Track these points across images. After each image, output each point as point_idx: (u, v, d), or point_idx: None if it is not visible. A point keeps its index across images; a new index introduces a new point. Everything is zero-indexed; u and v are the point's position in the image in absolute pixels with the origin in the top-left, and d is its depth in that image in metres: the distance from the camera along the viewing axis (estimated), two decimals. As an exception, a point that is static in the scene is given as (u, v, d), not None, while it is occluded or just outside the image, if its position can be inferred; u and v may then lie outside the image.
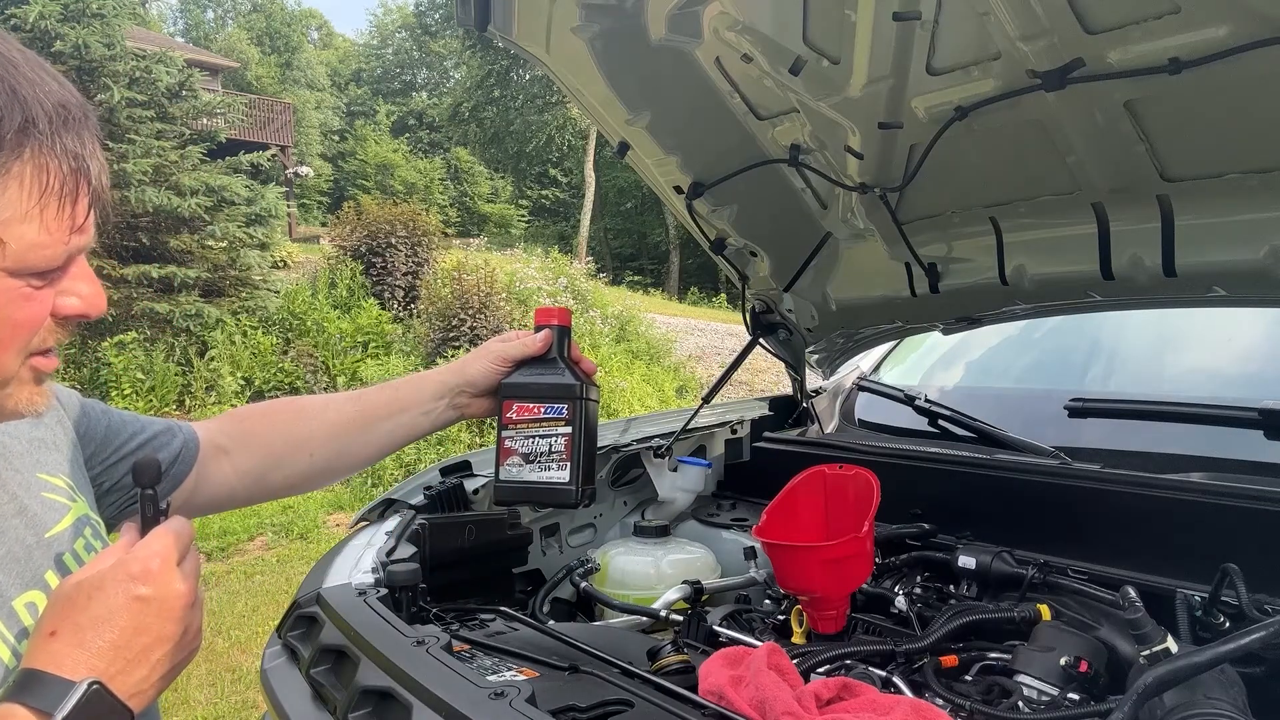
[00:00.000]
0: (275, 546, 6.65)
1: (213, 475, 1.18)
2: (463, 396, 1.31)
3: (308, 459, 1.23)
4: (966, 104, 1.41)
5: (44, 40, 10.44)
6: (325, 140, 35.31)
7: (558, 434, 1.25)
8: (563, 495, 1.26)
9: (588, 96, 1.66)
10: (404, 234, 13.46)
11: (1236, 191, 1.36)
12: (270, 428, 1.24)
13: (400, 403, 1.28)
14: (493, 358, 1.29)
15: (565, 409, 1.26)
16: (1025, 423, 1.88)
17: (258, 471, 1.21)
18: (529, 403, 1.27)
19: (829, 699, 0.97)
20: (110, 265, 10.36)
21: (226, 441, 1.21)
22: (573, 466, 1.25)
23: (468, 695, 0.93)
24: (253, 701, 4.04)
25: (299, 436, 1.23)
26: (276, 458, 1.22)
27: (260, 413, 1.27)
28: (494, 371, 1.29)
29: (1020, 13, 1.21)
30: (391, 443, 1.29)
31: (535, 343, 1.30)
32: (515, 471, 1.27)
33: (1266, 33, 1.08)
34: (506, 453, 1.28)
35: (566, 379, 1.28)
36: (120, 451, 1.08)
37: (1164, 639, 1.02)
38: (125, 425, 1.10)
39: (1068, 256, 1.61)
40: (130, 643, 0.75)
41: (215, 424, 1.23)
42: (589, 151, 27.06)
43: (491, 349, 1.31)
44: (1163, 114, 1.30)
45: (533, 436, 1.26)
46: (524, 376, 1.30)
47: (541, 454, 1.25)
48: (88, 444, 1.05)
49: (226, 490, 1.20)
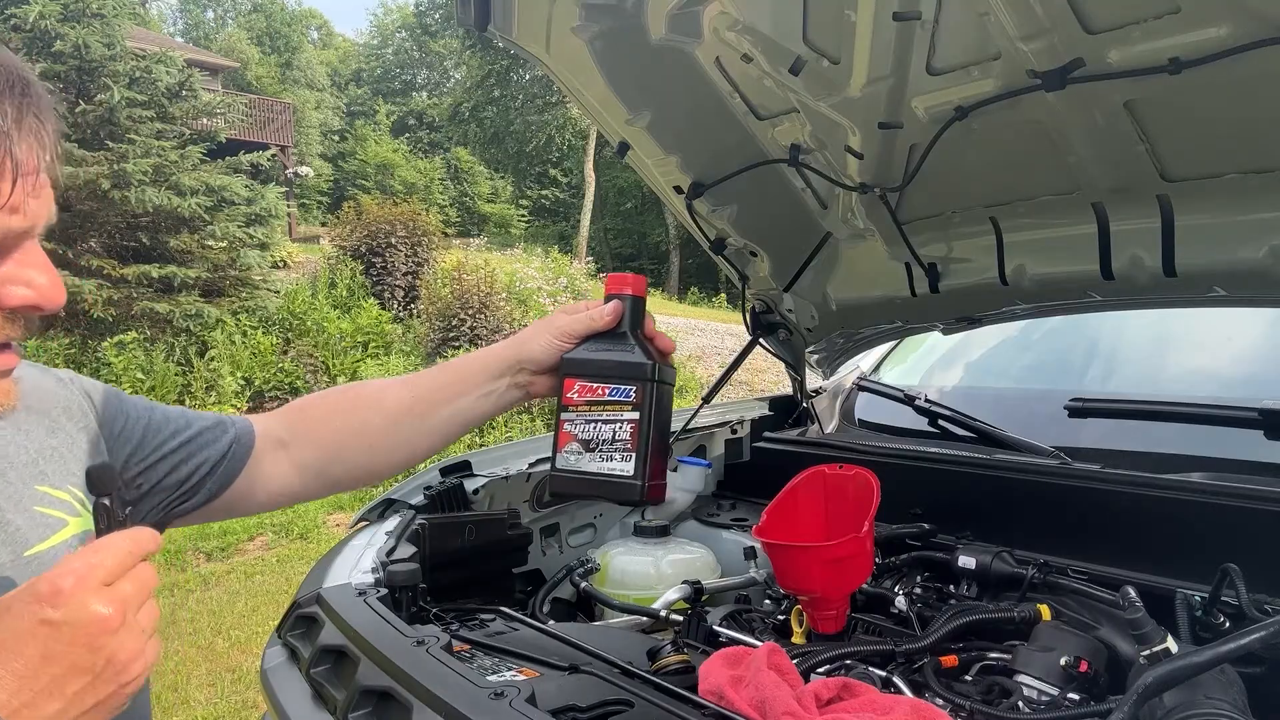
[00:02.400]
0: (275, 546, 6.65)
1: (272, 470, 1.12)
2: (524, 374, 1.18)
3: (367, 450, 1.15)
4: (966, 104, 1.41)
5: (44, 40, 10.44)
6: (325, 140, 35.31)
7: (623, 419, 1.10)
8: (625, 490, 1.10)
9: (588, 96, 1.66)
10: (404, 234, 13.46)
11: (1236, 191, 1.36)
12: (327, 418, 1.16)
13: (458, 385, 1.17)
14: (555, 332, 1.16)
15: (633, 391, 1.11)
16: (1025, 423, 1.88)
17: (318, 465, 1.14)
18: (592, 382, 1.12)
19: (829, 699, 0.97)
20: (110, 265, 10.36)
21: (285, 434, 1.14)
22: (638, 458, 1.09)
23: (468, 695, 0.93)
24: (253, 701, 4.04)
25: (356, 426, 1.15)
26: (335, 450, 1.14)
27: (318, 402, 1.20)
28: (556, 348, 1.16)
29: (1020, 12, 1.21)
30: (452, 428, 1.18)
31: (603, 315, 1.15)
32: (573, 460, 1.12)
33: (1266, 33, 1.08)
34: (565, 438, 1.13)
35: (636, 357, 1.12)
36: (160, 451, 1.02)
37: (1164, 639, 1.02)
38: (167, 423, 1.05)
39: (1068, 256, 1.61)
40: (38, 672, 0.66)
41: (275, 416, 1.17)
42: (589, 151, 27.07)
43: (555, 322, 1.17)
44: (1163, 114, 1.30)
45: (595, 421, 1.11)
46: (588, 352, 1.15)
47: (604, 441, 1.10)
48: (122, 446, 1.00)
49: (287, 485, 1.14)
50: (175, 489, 1.03)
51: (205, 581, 5.85)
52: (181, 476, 1.03)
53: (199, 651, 4.65)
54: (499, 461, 1.88)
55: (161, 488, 1.03)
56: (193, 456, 1.04)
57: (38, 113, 0.71)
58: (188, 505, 1.05)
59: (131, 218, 10.59)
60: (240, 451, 1.09)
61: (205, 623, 5.07)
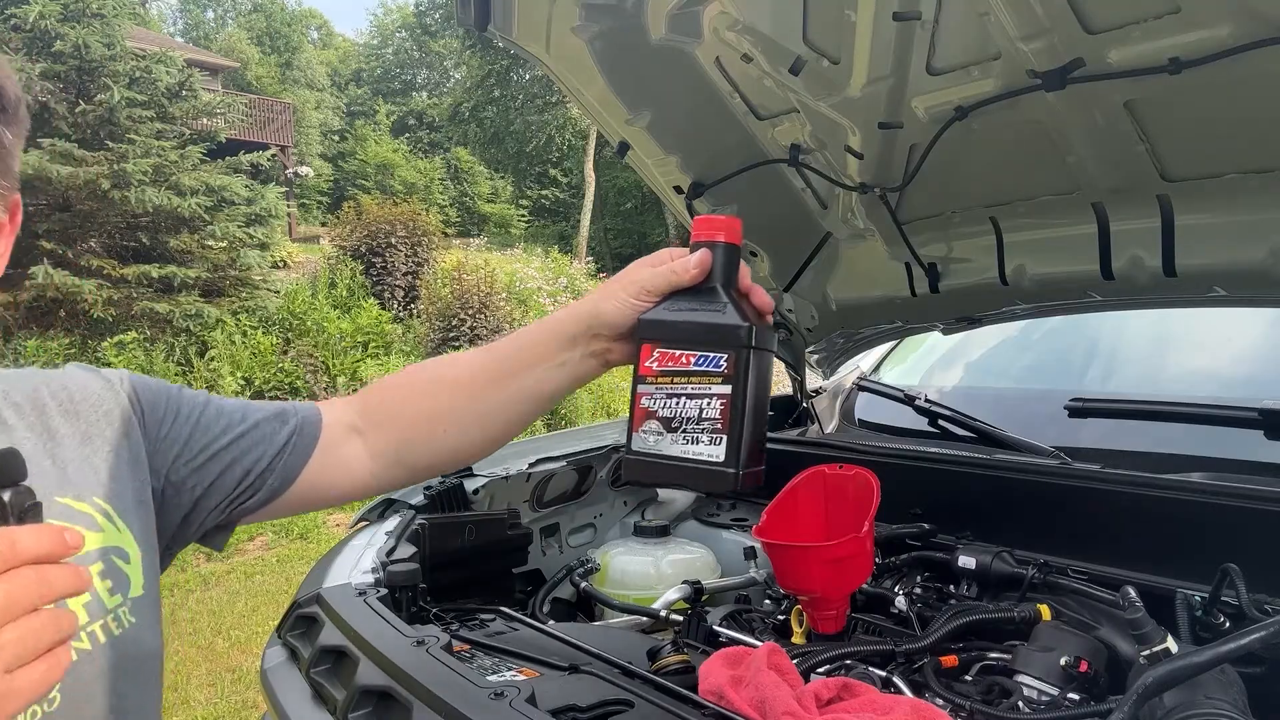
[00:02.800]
0: (275, 546, 6.65)
1: (346, 460, 1.03)
2: (599, 341, 1.00)
3: (442, 434, 1.03)
4: (966, 104, 1.41)
5: (44, 40, 10.44)
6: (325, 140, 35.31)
7: (712, 394, 0.91)
8: (714, 478, 0.92)
9: (588, 96, 1.66)
10: (404, 234, 13.47)
11: (1237, 191, 1.36)
12: (398, 400, 1.06)
13: (529, 355, 1.02)
14: (632, 289, 0.97)
15: (724, 360, 0.92)
16: (1025, 423, 1.88)
17: (394, 452, 1.04)
18: (675, 348, 0.94)
19: (829, 699, 0.97)
20: (110, 265, 10.36)
21: (360, 420, 1.05)
22: (730, 440, 0.91)
23: (467, 695, 0.93)
24: (253, 702, 4.04)
25: (427, 408, 1.04)
26: (410, 435, 1.04)
27: (391, 384, 1.10)
28: (631, 308, 0.97)
29: (1020, 12, 1.21)
30: (526, 404, 1.03)
31: (688, 267, 0.96)
32: (652, 441, 0.94)
33: (1267, 33, 1.08)
34: (641, 414, 0.95)
35: (729, 317, 0.93)
36: (209, 450, 0.95)
37: (1164, 639, 1.02)
38: (220, 418, 0.98)
39: (1068, 256, 1.61)
40: None
41: (352, 401, 1.08)
42: (589, 151, 27.06)
43: (633, 276, 0.99)
44: (1163, 114, 1.30)
45: (678, 395, 0.93)
46: (669, 312, 0.96)
47: (688, 420, 0.92)
48: (168, 448, 0.94)
49: (366, 475, 1.04)
50: (233, 488, 0.96)
51: (205, 581, 5.85)
52: (237, 475, 0.96)
53: (199, 651, 4.65)
54: (499, 461, 1.88)
55: (218, 488, 0.96)
56: (247, 454, 0.97)
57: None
58: (251, 504, 0.98)
59: (131, 218, 10.59)
60: (302, 444, 1.00)
61: (205, 623, 5.07)
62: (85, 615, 0.80)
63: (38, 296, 9.84)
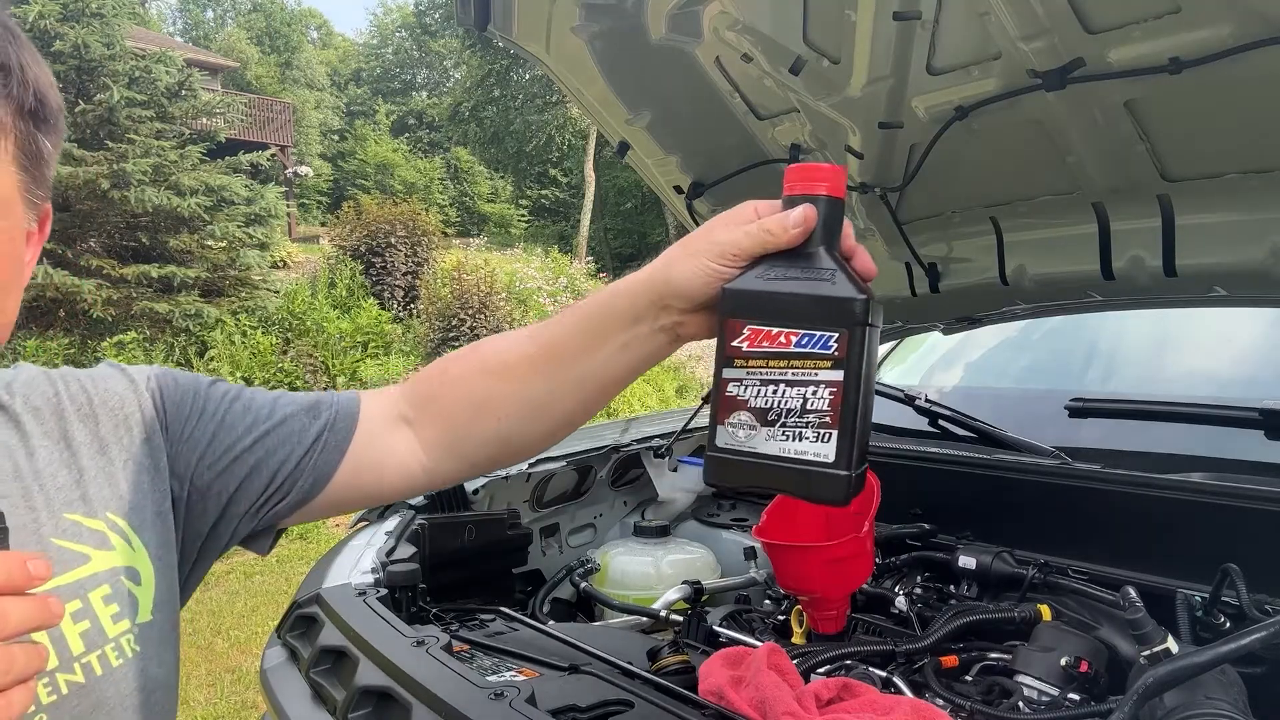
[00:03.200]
0: (275, 546, 6.65)
1: (393, 453, 0.93)
2: (669, 314, 0.84)
3: (495, 423, 0.91)
4: (967, 104, 1.41)
5: (43, 40, 10.43)
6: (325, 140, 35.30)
7: (819, 380, 0.76)
8: (824, 483, 0.76)
9: (588, 96, 1.66)
10: (404, 234, 13.47)
11: (1237, 191, 1.36)
12: (449, 386, 0.94)
13: (586, 339, 0.88)
14: (712, 252, 0.80)
15: (835, 340, 0.75)
16: (1025, 423, 1.88)
17: (445, 442, 0.94)
18: (772, 325, 0.78)
19: (829, 699, 0.97)
20: (110, 265, 10.36)
21: (410, 409, 0.94)
22: (842, 437, 0.75)
23: (467, 695, 0.93)
24: (252, 702, 4.04)
25: (479, 395, 0.92)
26: (461, 423, 0.93)
27: (442, 368, 0.97)
28: (712, 275, 0.80)
29: (1021, 12, 1.21)
30: (588, 392, 0.90)
31: (787, 227, 0.78)
32: (742, 437, 0.78)
33: (1267, 32, 1.08)
34: (729, 404, 0.79)
35: (841, 288, 0.77)
36: (233, 451, 0.88)
37: (1164, 639, 1.02)
38: (245, 415, 0.90)
39: (1068, 256, 1.61)
40: None
41: (404, 388, 0.98)
42: (589, 151, 27.07)
43: (714, 236, 0.81)
44: (1163, 114, 1.30)
45: (776, 382, 0.77)
46: (763, 281, 0.79)
47: (789, 412, 0.77)
48: (190, 450, 0.87)
49: (415, 469, 0.94)
50: (261, 492, 0.88)
51: (205, 581, 5.84)
52: (265, 478, 0.88)
53: (198, 652, 4.65)
54: (499, 461, 1.88)
55: (245, 493, 0.88)
56: (273, 454, 0.88)
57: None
58: (283, 507, 0.90)
59: (131, 218, 10.59)
60: (335, 440, 0.91)
61: (205, 623, 5.07)
62: (81, 645, 0.74)
63: (37, 296, 9.84)
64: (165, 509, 0.85)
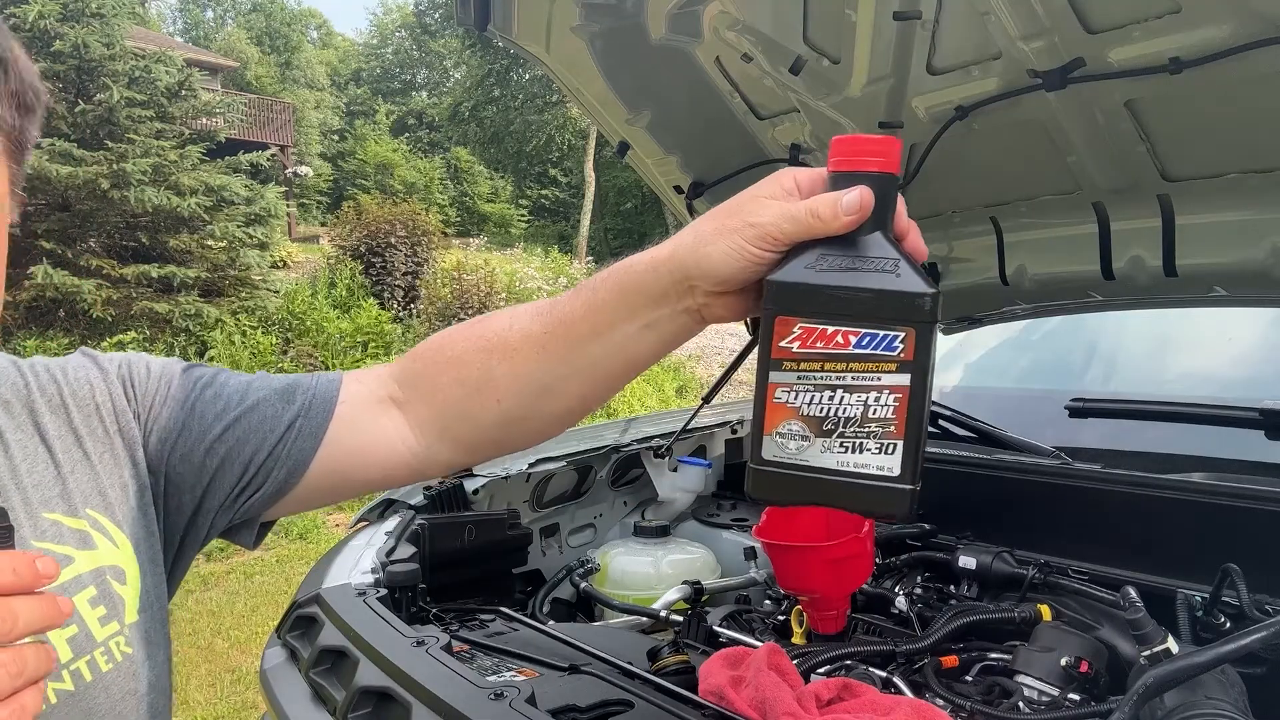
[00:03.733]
0: (275, 547, 6.64)
1: (381, 437, 0.86)
2: (696, 295, 0.76)
3: (495, 405, 0.83)
4: (967, 103, 1.41)
5: (43, 40, 10.43)
6: (325, 140, 35.28)
7: (883, 385, 0.68)
8: (886, 498, 0.68)
9: (587, 96, 1.66)
10: (404, 234, 13.46)
11: (1237, 191, 1.36)
12: (445, 363, 0.85)
13: (605, 317, 0.79)
14: (751, 234, 0.70)
15: (901, 340, 0.67)
16: (1025, 423, 1.88)
17: (438, 426, 0.86)
18: (829, 322, 0.69)
19: (829, 699, 0.97)
20: (109, 265, 10.36)
21: (400, 389, 0.87)
22: (908, 448, 0.68)
23: (467, 695, 0.93)
24: (252, 702, 4.04)
25: (477, 376, 0.83)
26: (456, 405, 0.84)
27: (436, 345, 0.89)
28: (749, 259, 0.71)
29: (1021, 12, 1.21)
30: (602, 375, 0.82)
31: (838, 214, 0.68)
32: (793, 449, 0.70)
33: (1267, 32, 1.08)
34: (778, 412, 0.70)
35: (908, 281, 0.68)
36: (203, 441, 0.82)
37: (1165, 639, 1.02)
38: (217, 401, 0.83)
39: (1068, 256, 1.61)
40: None
41: (394, 366, 0.89)
42: (589, 151, 27.07)
43: (751, 217, 0.71)
44: (1163, 114, 1.30)
45: (833, 388, 0.69)
46: (815, 272, 0.70)
47: (848, 420, 0.68)
48: (164, 441, 0.82)
49: (404, 454, 0.86)
50: (234, 484, 0.83)
51: (205, 582, 5.85)
52: (236, 470, 0.82)
53: (198, 652, 4.64)
54: (499, 461, 1.88)
55: (218, 486, 0.83)
56: (244, 443, 0.82)
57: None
58: (259, 499, 0.84)
59: (131, 217, 10.59)
60: (310, 427, 0.84)
61: (205, 623, 5.07)
62: (69, 651, 0.70)
63: (37, 296, 9.84)
64: (146, 501, 0.81)
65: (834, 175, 0.70)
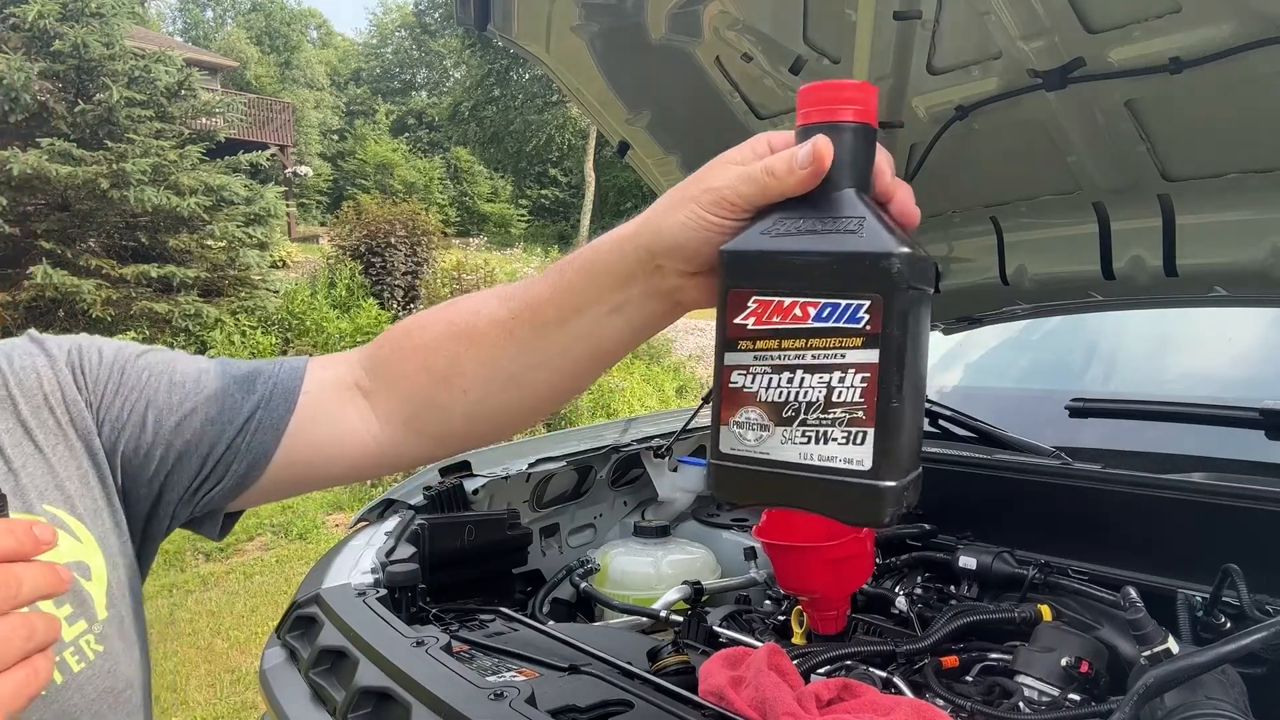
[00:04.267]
0: (274, 547, 6.64)
1: (347, 427, 0.81)
2: (665, 276, 0.69)
3: (461, 395, 0.78)
4: (967, 103, 1.41)
5: (43, 39, 10.43)
6: (324, 140, 35.28)
7: (848, 363, 0.58)
8: (857, 496, 0.58)
9: (587, 95, 1.66)
10: (403, 233, 13.46)
11: (1238, 191, 1.36)
12: (414, 350, 0.80)
13: (571, 299, 0.73)
14: (706, 199, 0.64)
15: (865, 309, 0.58)
16: (1026, 423, 1.88)
17: (404, 416, 0.81)
18: (784, 294, 0.60)
19: (829, 700, 0.97)
20: (109, 265, 10.35)
21: (366, 376, 0.82)
22: (881, 436, 0.57)
23: (467, 696, 0.93)
24: (252, 702, 4.04)
25: (444, 362, 0.78)
26: (423, 395, 0.79)
27: (403, 331, 0.83)
28: (708, 229, 0.64)
29: (1021, 12, 1.21)
30: (569, 366, 0.76)
31: (793, 167, 0.61)
32: (752, 440, 0.61)
33: (1268, 32, 1.08)
34: (734, 399, 0.62)
35: (870, 239, 0.59)
36: (160, 434, 0.78)
37: (1165, 639, 1.02)
38: (173, 391, 0.79)
39: (1069, 256, 1.61)
40: None
41: (362, 352, 0.84)
42: (589, 151, 27.08)
43: (708, 181, 0.65)
44: (1164, 113, 1.30)
45: (791, 368, 0.60)
46: (771, 237, 0.62)
47: (811, 406, 0.59)
48: (115, 432, 0.79)
49: (370, 445, 0.81)
50: (193, 478, 0.79)
51: (204, 582, 5.85)
52: (194, 464, 0.79)
53: (198, 652, 4.64)
54: (499, 461, 1.88)
55: (176, 479, 0.79)
56: (201, 435, 0.78)
57: None
58: (219, 492, 0.80)
59: (130, 217, 10.58)
60: (270, 418, 0.79)
61: (204, 623, 5.07)
62: None
63: (36, 296, 9.83)
64: (109, 491, 0.77)
65: (802, 129, 0.62)
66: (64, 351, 0.78)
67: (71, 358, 0.79)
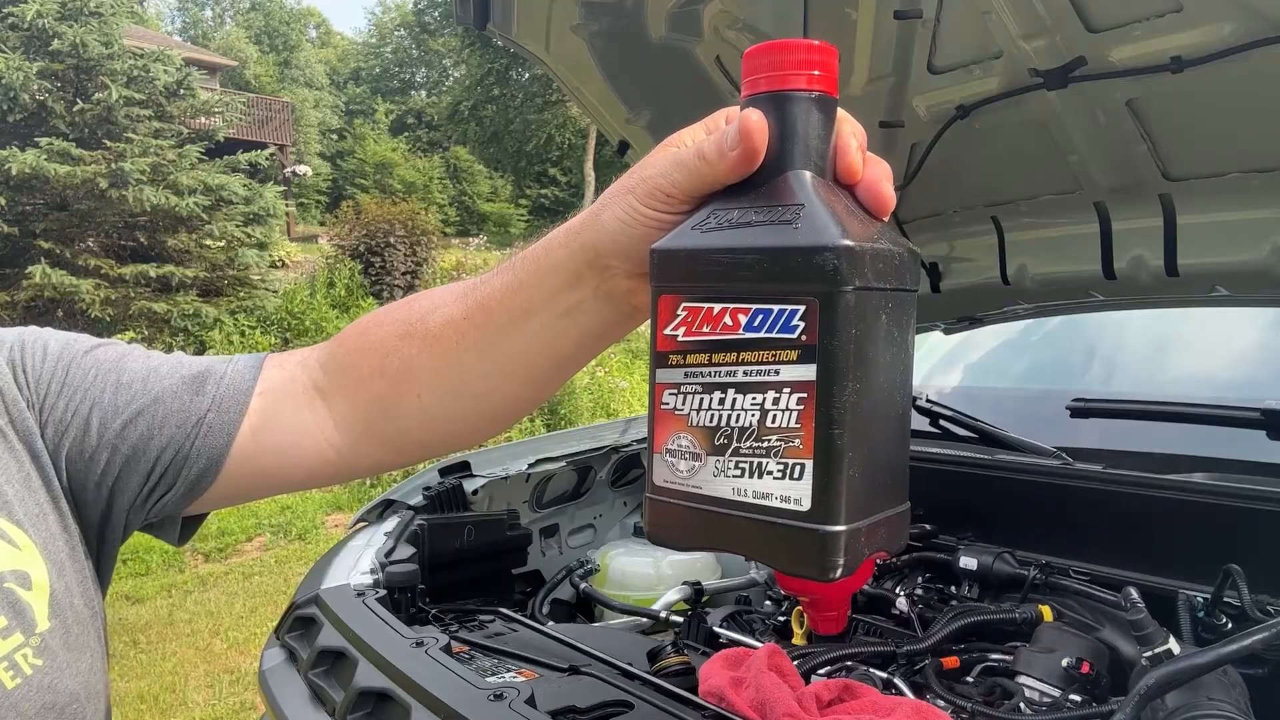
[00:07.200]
0: (273, 547, 6.64)
1: (303, 432, 0.76)
2: (613, 277, 0.62)
3: (415, 399, 0.72)
4: (968, 103, 1.41)
5: (42, 39, 10.43)
6: (324, 139, 35.28)
7: (781, 381, 0.49)
8: (798, 544, 0.50)
9: (587, 95, 1.65)
10: (403, 233, 13.47)
11: (1239, 190, 1.35)
12: (370, 351, 0.74)
13: (520, 298, 0.66)
14: (642, 190, 0.57)
15: (799, 314, 0.48)
16: (1026, 423, 1.87)
17: (361, 420, 0.75)
18: (711, 299, 0.52)
19: (830, 700, 0.97)
20: (108, 264, 10.35)
21: (324, 377, 0.76)
22: (820, 469, 0.48)
23: (466, 696, 0.92)
24: (251, 703, 4.04)
25: (399, 364, 0.72)
26: (379, 399, 0.74)
27: (364, 327, 0.77)
28: (643, 222, 0.57)
29: (1022, 11, 1.21)
30: (521, 373, 0.69)
31: (724, 148, 0.53)
32: (685, 471, 0.53)
33: (1269, 32, 1.08)
34: (666, 423, 0.54)
35: (807, 232, 0.49)
36: (104, 437, 0.73)
37: (1166, 640, 1.02)
38: (119, 392, 0.74)
39: (1070, 256, 1.61)
40: None
41: (321, 350, 0.78)
42: (589, 150, 27.08)
43: (644, 169, 0.58)
44: (1165, 113, 1.30)
45: (722, 387, 0.51)
46: (701, 234, 0.53)
47: (744, 432, 0.50)
48: (60, 434, 0.73)
49: (326, 452, 0.76)
50: (142, 484, 0.74)
51: (203, 582, 5.84)
52: (143, 468, 0.73)
53: (197, 653, 4.64)
54: (498, 461, 1.87)
55: (124, 486, 0.74)
56: (149, 439, 0.73)
57: None
58: (171, 498, 0.75)
59: (129, 217, 10.58)
60: (221, 422, 0.74)
61: (203, 624, 5.06)
62: None
63: (35, 296, 9.83)
64: (55, 495, 0.72)
65: (748, 100, 0.53)
66: (5, 347, 0.74)
67: (13, 354, 0.73)
